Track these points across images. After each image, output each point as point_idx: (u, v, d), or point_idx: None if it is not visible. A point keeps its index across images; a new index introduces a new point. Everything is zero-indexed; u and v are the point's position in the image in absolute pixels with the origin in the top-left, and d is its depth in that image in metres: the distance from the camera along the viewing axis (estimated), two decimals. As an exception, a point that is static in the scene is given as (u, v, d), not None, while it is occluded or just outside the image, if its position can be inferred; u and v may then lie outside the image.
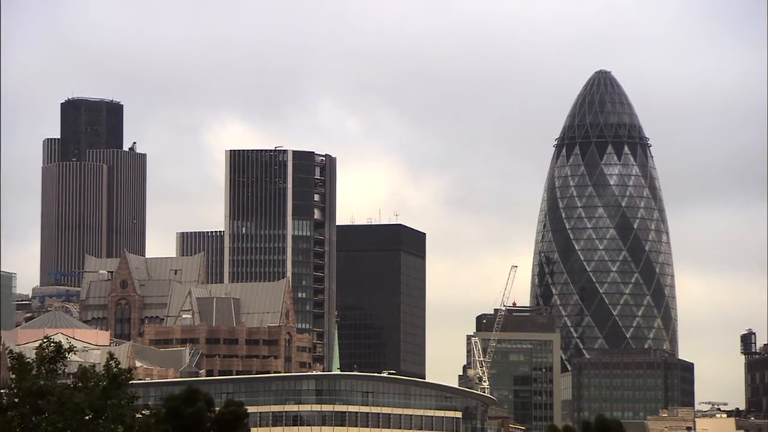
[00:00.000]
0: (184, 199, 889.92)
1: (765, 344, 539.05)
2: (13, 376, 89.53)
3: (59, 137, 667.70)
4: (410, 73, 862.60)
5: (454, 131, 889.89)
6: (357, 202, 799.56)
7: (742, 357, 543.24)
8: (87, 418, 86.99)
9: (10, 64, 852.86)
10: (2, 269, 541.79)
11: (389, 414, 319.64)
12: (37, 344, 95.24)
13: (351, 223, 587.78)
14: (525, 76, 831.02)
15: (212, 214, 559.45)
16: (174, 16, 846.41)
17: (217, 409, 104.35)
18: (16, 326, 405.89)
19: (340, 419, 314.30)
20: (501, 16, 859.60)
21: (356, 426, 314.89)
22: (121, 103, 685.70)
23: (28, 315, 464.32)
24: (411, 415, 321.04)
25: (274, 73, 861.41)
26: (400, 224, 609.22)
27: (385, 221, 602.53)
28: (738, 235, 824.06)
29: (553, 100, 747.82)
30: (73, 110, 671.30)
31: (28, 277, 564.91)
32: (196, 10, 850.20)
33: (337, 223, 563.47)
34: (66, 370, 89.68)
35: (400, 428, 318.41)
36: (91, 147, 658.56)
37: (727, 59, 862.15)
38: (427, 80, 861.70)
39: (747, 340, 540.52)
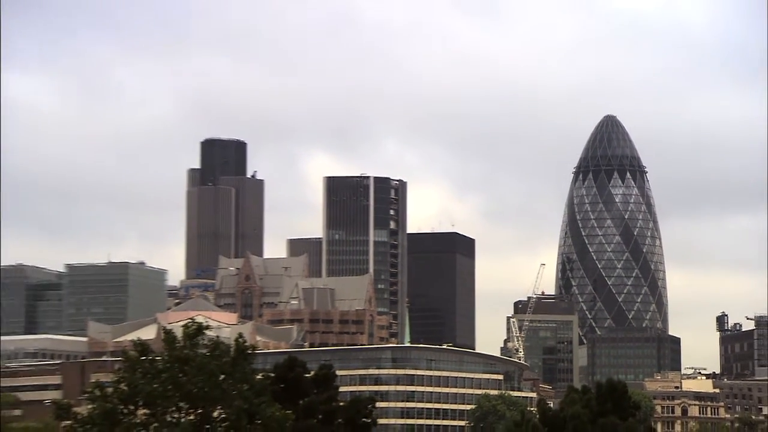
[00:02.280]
0: (291, 213, 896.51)
1: (735, 323, 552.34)
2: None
3: (199, 167, 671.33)
4: (455, 115, 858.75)
5: (491, 160, 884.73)
6: (420, 216, 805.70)
7: (717, 333, 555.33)
8: (220, 379, 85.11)
9: (162, 111, 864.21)
10: (157, 267, 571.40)
11: (447, 376, 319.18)
12: (183, 323, 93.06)
13: (417, 232, 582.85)
14: (549, 117, 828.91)
15: (313, 225, 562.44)
16: (278, 74, 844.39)
17: (313, 372, 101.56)
18: (168, 310, 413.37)
19: (410, 380, 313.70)
20: (528, 68, 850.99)
21: (422, 385, 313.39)
22: (245, 141, 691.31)
23: (177, 301, 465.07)
24: (464, 377, 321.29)
25: (353, 116, 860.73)
26: (455, 232, 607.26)
27: (443, 230, 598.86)
28: (714, 240, 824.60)
29: (571, 136, 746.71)
30: (209, 147, 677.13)
31: (176, 273, 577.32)
32: (294, 68, 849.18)
33: (407, 232, 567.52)
34: (204, 343, 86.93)
35: (455, 387, 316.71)
36: (223, 174, 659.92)
37: (710, 103, 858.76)
38: (469, 121, 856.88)
39: (721, 320, 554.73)
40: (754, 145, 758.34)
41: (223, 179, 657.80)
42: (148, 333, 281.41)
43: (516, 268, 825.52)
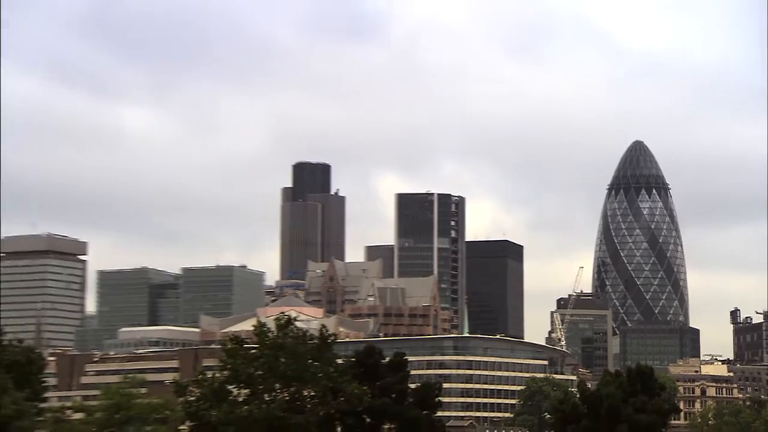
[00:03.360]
0: (368, 224, 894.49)
1: (746, 317, 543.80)
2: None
3: (291, 186, 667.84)
4: (503, 141, 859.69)
5: (534, 180, 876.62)
6: (475, 226, 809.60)
7: (731, 325, 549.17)
8: (309, 362, 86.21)
9: (259, 139, 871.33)
10: (256, 270, 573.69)
11: (500, 362, 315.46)
12: (275, 317, 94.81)
13: (474, 240, 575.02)
14: (585, 143, 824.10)
15: (386, 234, 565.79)
16: (354, 108, 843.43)
17: (388, 358, 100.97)
18: (265, 305, 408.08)
19: (469, 365, 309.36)
20: (565, 101, 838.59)
21: (479, 369, 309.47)
22: (329, 164, 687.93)
23: (273, 298, 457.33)
24: (515, 363, 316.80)
25: (417, 142, 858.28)
26: (506, 240, 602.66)
27: (495, 238, 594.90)
28: (726, 246, 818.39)
29: (605, 159, 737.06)
30: (299, 169, 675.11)
31: (272, 275, 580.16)
32: (367, 103, 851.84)
33: (465, 240, 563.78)
34: (293, 333, 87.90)
35: (507, 371, 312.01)
36: (311, 192, 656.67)
37: (720, 129, 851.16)
38: (515, 146, 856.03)
39: (734, 314, 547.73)
40: (756, 165, 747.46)
41: (311, 196, 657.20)
42: (248, 325, 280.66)
43: (558, 271, 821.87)
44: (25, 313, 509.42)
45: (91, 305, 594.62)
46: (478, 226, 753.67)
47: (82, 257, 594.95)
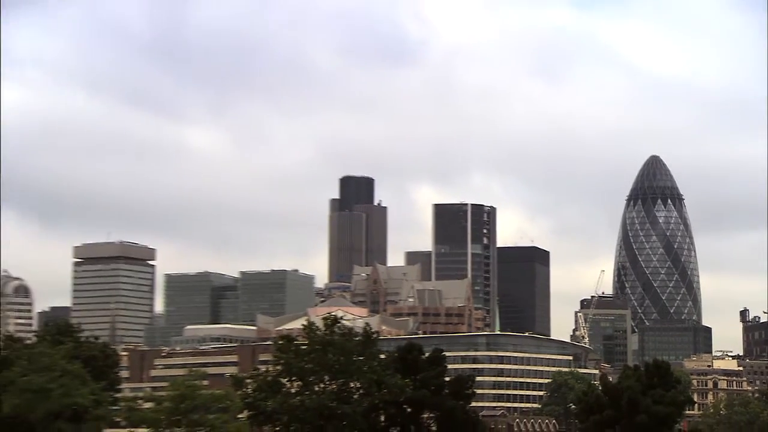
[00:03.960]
0: (408, 232, 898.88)
1: (754, 316, 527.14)
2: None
3: (338, 197, 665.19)
4: (529, 156, 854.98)
5: (558, 191, 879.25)
6: (504, 233, 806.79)
7: (741, 324, 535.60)
8: (354, 357, 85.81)
9: (308, 155, 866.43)
10: (307, 273, 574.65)
11: (529, 357, 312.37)
12: (324, 316, 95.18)
13: (504, 246, 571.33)
14: (605, 157, 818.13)
15: (424, 241, 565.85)
16: (394, 127, 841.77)
17: (426, 354, 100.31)
18: (315, 306, 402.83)
19: (500, 360, 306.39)
20: (587, 119, 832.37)
21: (509, 364, 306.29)
22: (372, 178, 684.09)
23: (322, 299, 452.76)
24: (542, 358, 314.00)
25: (451, 158, 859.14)
26: (533, 246, 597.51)
27: (524, 244, 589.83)
28: (735, 252, 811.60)
29: (624, 172, 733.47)
30: (345, 182, 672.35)
31: (321, 278, 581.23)
32: (406, 121, 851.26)
33: (496, 246, 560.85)
34: (340, 331, 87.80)
35: (535, 365, 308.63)
36: (356, 203, 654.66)
37: (729, 145, 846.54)
38: (540, 160, 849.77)
39: (743, 313, 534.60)
40: (762, 176, 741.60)
41: (356, 206, 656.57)
42: (300, 323, 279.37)
43: (581, 274, 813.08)
44: (100, 312, 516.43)
45: (159, 305, 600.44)
46: (507, 234, 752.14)
47: (151, 262, 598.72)
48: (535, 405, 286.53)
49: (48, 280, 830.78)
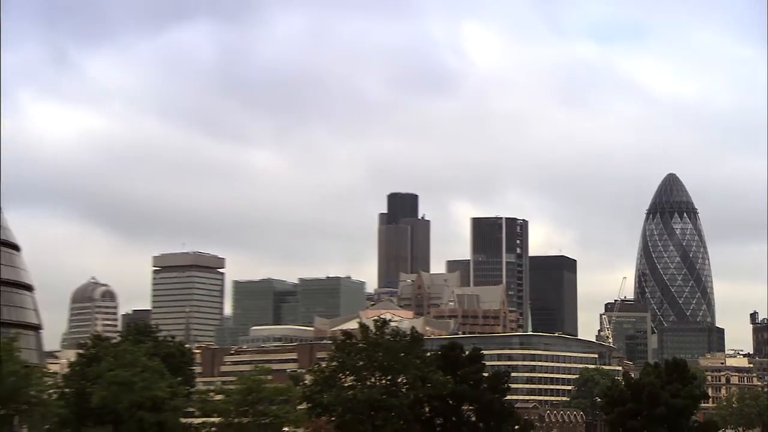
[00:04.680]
0: (448, 243, 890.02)
1: (763, 318, 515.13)
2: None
3: (386, 212, 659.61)
4: (557, 174, 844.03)
5: (583, 205, 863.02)
6: (537, 244, 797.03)
7: (750, 325, 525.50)
8: (401, 355, 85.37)
9: (359, 174, 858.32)
10: (358, 280, 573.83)
11: (558, 355, 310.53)
12: (374, 318, 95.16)
13: (535, 255, 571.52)
14: (626, 175, 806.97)
15: (463, 250, 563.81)
16: (436, 148, 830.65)
17: (466, 352, 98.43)
18: (366, 308, 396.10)
19: (532, 358, 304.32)
20: (609, 140, 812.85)
21: (541, 361, 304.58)
22: (417, 194, 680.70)
23: (372, 303, 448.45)
24: (570, 356, 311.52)
25: (487, 176, 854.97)
26: (562, 255, 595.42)
27: (553, 254, 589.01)
28: (747, 260, 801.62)
29: (643, 188, 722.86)
30: (393, 198, 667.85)
31: (371, 284, 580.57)
32: (447, 144, 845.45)
33: (528, 255, 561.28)
34: (389, 331, 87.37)
35: (564, 363, 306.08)
36: (402, 217, 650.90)
37: (740, 162, 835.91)
38: (567, 178, 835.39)
39: (753, 316, 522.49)
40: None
41: (402, 220, 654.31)
42: (353, 325, 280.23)
43: (605, 281, 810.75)
44: (176, 315, 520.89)
45: (227, 309, 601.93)
46: (537, 244, 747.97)
47: (220, 270, 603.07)
48: (564, 398, 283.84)
49: (130, 287, 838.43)
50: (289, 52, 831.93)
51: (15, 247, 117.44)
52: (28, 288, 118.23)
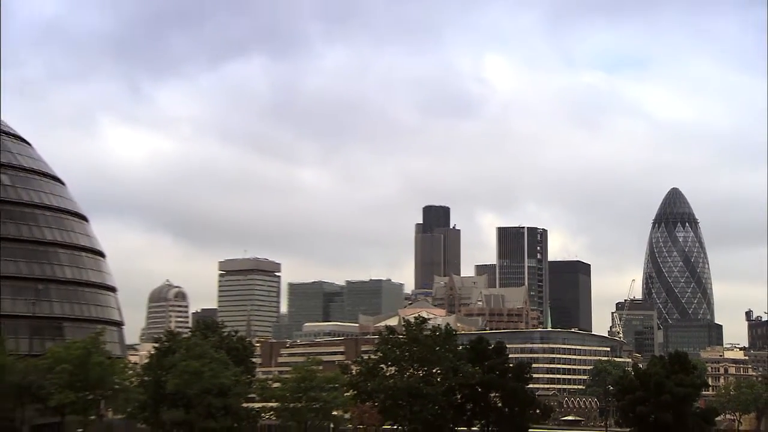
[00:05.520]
0: (476, 249, 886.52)
1: (757, 316, 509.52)
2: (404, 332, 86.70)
3: (422, 222, 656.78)
4: (570, 187, 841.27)
5: (595, 216, 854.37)
6: (554, 250, 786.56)
7: (746, 322, 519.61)
8: (436, 349, 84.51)
9: (397, 189, 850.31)
10: (397, 282, 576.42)
11: (575, 348, 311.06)
12: (413, 316, 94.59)
13: (554, 260, 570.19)
14: (634, 189, 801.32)
15: (490, 256, 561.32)
16: (464, 166, 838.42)
17: (492, 345, 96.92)
18: (404, 307, 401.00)
19: (551, 351, 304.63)
20: (618, 158, 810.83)
21: (559, 354, 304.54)
22: (449, 207, 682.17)
23: (409, 302, 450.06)
24: (585, 349, 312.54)
25: (509, 190, 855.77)
26: (578, 260, 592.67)
27: (569, 259, 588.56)
28: (742, 264, 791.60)
29: (650, 201, 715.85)
30: (428, 210, 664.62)
31: (409, 286, 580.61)
32: (472, 162, 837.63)
33: (548, 260, 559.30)
34: (426, 327, 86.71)
35: (580, 355, 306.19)
36: (436, 227, 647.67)
37: (737, 177, 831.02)
38: (580, 192, 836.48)
39: (748, 314, 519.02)
40: (762, 204, 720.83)
41: (436, 229, 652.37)
42: (392, 321, 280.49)
43: (615, 282, 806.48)
44: (239, 313, 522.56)
45: (283, 307, 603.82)
46: (555, 250, 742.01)
47: (277, 274, 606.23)
48: (580, 387, 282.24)
49: (199, 288, 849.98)
50: (333, 83, 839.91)
51: (100, 254, 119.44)
52: (112, 289, 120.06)
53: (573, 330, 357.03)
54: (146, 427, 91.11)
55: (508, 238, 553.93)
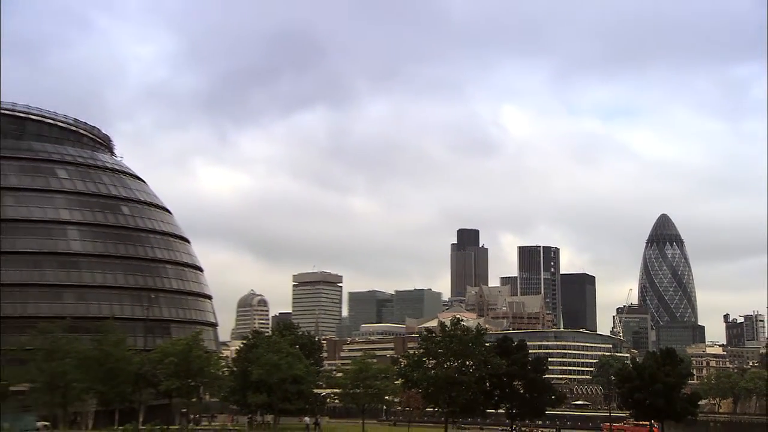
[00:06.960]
0: (500, 264, 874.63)
1: (733, 318, 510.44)
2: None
3: (456, 242, 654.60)
4: (576, 213, 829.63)
5: (596, 236, 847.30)
6: (565, 264, 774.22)
7: (724, 324, 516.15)
8: (469, 345, 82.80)
9: (434, 215, 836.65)
10: (436, 290, 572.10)
11: (583, 345, 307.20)
12: (449, 319, 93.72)
13: (565, 272, 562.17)
14: (628, 215, 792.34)
15: (512, 270, 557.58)
16: (488, 197, 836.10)
17: (515, 343, 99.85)
18: (442, 312, 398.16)
19: (564, 347, 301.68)
20: (614, 188, 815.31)
21: (570, 350, 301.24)
22: (478, 229, 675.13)
23: (446, 308, 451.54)
24: (592, 346, 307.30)
25: (524, 215, 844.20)
26: (584, 273, 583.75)
27: (577, 271, 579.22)
28: (721, 276, 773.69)
29: (642, 224, 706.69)
30: (461, 232, 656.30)
31: (446, 294, 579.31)
32: (496, 192, 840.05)
33: (560, 273, 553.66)
34: (461, 328, 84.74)
35: (587, 351, 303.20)
36: (468, 245, 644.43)
37: (718, 205, 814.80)
38: (584, 216, 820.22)
39: (726, 317, 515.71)
40: (736, 226, 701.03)
41: (468, 248, 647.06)
42: (433, 323, 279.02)
43: (616, 291, 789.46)
44: (309, 316, 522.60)
45: (344, 311, 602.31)
46: (565, 265, 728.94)
47: (339, 284, 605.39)
48: (587, 377, 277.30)
49: (277, 296, 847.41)
50: (378, 128, 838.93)
51: (199, 269, 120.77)
52: (208, 297, 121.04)
53: (581, 330, 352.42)
54: (236, 407, 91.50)
55: (527, 254, 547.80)
